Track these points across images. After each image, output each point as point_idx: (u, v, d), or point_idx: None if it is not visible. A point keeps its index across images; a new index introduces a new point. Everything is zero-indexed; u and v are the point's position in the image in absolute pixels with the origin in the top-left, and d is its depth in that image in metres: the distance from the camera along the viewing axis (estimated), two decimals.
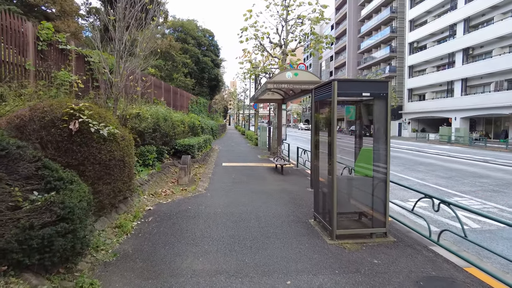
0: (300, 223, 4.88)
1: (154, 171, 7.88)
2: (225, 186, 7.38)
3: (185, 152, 10.32)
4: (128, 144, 4.91)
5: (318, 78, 7.30)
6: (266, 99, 11.64)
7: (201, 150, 12.68)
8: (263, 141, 18.14)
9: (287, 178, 8.72)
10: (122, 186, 4.74)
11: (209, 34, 33.26)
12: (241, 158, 13.10)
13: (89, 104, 4.39)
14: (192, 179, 8.27)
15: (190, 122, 13.44)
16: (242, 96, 53.24)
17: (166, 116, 9.50)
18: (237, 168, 10.22)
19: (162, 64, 24.18)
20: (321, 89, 4.56)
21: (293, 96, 10.24)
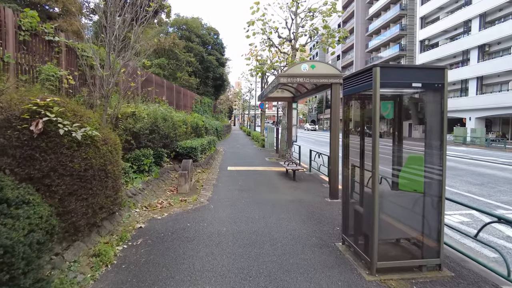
0: (326, 248, 3.91)
1: (151, 178, 6.97)
2: (231, 196, 6.44)
3: (187, 155, 9.41)
4: (113, 149, 3.99)
5: (338, 71, 6.33)
6: (275, 97, 10.70)
7: (204, 153, 11.76)
8: (270, 142, 17.18)
9: (301, 185, 7.75)
10: (105, 201, 3.83)
11: (214, 32, 32.41)
12: (247, 161, 12.15)
13: (60, 99, 3.48)
14: (194, 186, 7.34)
15: (193, 123, 12.55)
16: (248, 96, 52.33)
17: (166, 116, 8.60)
18: (244, 173, 9.27)
19: (165, 63, 23.37)
20: (354, 80, 3.59)
21: (306, 93, 9.28)
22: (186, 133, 11.53)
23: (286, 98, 10.80)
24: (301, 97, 10.22)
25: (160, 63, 23.15)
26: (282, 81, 6.06)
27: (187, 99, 21.20)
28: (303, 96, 10.07)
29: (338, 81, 6.20)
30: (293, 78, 6.07)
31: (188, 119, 12.15)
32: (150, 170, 7.02)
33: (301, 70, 6.18)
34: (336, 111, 6.30)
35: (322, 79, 6.17)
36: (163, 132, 8.21)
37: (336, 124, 6.33)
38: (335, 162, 6.34)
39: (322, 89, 7.49)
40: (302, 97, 10.35)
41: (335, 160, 6.34)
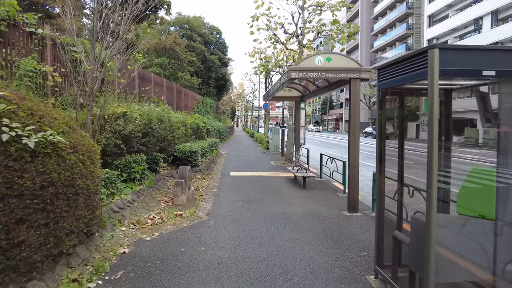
0: (355, 284, 3.06)
1: (144, 187, 6.16)
2: (234, 208, 5.60)
3: (186, 160, 8.60)
4: (86, 158, 3.18)
5: (358, 65, 5.49)
6: (282, 96, 9.88)
7: (205, 156, 10.95)
8: (275, 144, 16.35)
9: (312, 194, 6.90)
10: (75, 223, 3.02)
11: (217, 31, 31.67)
12: (251, 165, 11.32)
13: (12, 94, 2.67)
14: (192, 196, 6.52)
15: (193, 124, 11.75)
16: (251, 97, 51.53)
17: (162, 117, 7.79)
18: (248, 179, 8.44)
19: (166, 62, 22.63)
20: (398, 68, 2.75)
21: (316, 92, 8.44)
22: (186, 135, 10.73)
23: (293, 97, 9.97)
24: (310, 96, 9.39)
25: (161, 62, 22.42)
26: (293, 76, 5.23)
27: (188, 100, 20.43)
28: (313, 95, 9.23)
29: (358, 76, 5.36)
30: (305, 73, 5.24)
31: (188, 120, 11.36)
32: (142, 178, 6.21)
33: (315, 63, 5.35)
34: (355, 110, 5.46)
35: (340, 74, 5.33)
36: (159, 135, 7.40)
37: (355, 125, 5.49)
38: (354, 168, 5.49)
39: (336, 86, 6.65)
40: (311, 96, 9.52)
41: (354, 166, 5.49)
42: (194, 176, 8.35)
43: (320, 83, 8.01)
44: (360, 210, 5.63)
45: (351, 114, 5.48)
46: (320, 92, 8.38)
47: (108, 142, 5.77)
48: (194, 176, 8.35)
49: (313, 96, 9.25)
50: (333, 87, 6.97)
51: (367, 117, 49.13)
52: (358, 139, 5.57)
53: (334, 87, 6.99)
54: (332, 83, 6.71)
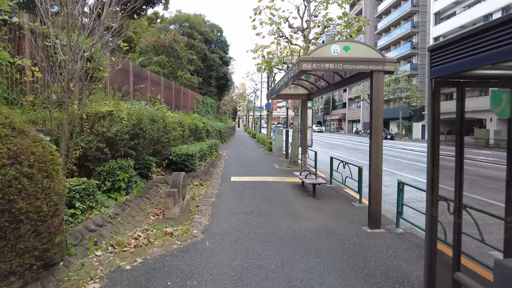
0: None
1: (131, 197, 5.36)
2: (235, 223, 4.79)
3: (182, 164, 7.81)
4: (34, 172, 2.37)
5: (381, 55, 4.68)
6: (287, 94, 9.08)
7: (204, 160, 10.15)
8: (279, 146, 15.53)
9: (324, 204, 6.08)
10: (18, 261, 2.22)
11: (217, 29, 30.92)
12: (254, 168, 10.51)
13: None
14: (187, 207, 5.71)
15: (191, 124, 10.96)
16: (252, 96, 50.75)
17: (154, 117, 6.99)
18: (251, 186, 7.63)
19: (165, 61, 21.87)
20: (467, 45, 1.92)
21: (326, 88, 7.62)
22: (183, 136, 9.94)
23: (300, 95, 9.16)
24: (319, 93, 8.57)
25: (160, 60, 21.66)
26: (305, 68, 4.42)
27: (188, 99, 19.66)
28: (321, 93, 8.41)
29: (382, 68, 4.55)
30: (319, 63, 4.42)
31: (186, 120, 10.56)
32: (130, 187, 5.41)
33: (330, 52, 4.53)
34: (378, 107, 4.65)
35: (360, 65, 4.52)
36: (151, 137, 6.60)
37: (378, 125, 4.68)
38: (377, 176, 4.68)
39: (351, 81, 5.84)
40: (319, 94, 8.70)
41: (377, 173, 4.68)
42: (190, 182, 7.55)
43: (331, 78, 7.20)
44: (382, 225, 4.81)
45: (373, 112, 4.66)
46: (331, 89, 7.56)
47: (89, 146, 4.98)
48: (190, 182, 7.55)
49: (322, 93, 8.44)
50: (347, 82, 6.15)
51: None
52: (381, 142, 4.75)
53: (348, 83, 6.17)
54: (346, 78, 5.89)
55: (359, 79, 5.40)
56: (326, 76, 7.16)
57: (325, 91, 8.03)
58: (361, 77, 5.24)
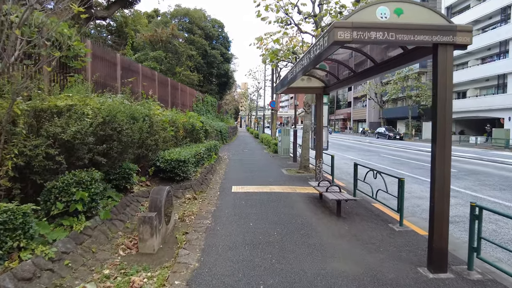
0: None
1: (96, 221, 3.93)
2: (237, 266, 3.34)
3: (172, 172, 6.39)
4: None
5: (446, 20, 3.21)
6: (299, 87, 7.61)
7: (201, 164, 8.72)
8: (285, 148, 14.07)
9: (355, 228, 4.62)
10: None
11: (219, 24, 29.47)
12: (259, 175, 9.05)
13: None
14: (172, 234, 4.26)
15: (187, 124, 9.52)
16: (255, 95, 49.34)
17: (134, 114, 5.57)
18: (256, 199, 6.17)
19: (162, 56, 20.46)
20: None
21: (349, 79, 6.15)
22: (177, 138, 8.51)
23: (314, 89, 7.68)
24: (338, 86, 7.10)
25: (156, 56, 20.27)
26: (340, 38, 2.95)
27: (186, 97, 18.24)
28: (341, 85, 6.95)
29: (451, 39, 3.10)
30: (362, 32, 2.97)
31: (180, 118, 9.13)
32: (94, 208, 3.97)
33: (376, 16, 3.08)
34: (445, 98, 3.21)
35: (420, 36, 3.07)
36: (130, 139, 5.17)
37: (445, 124, 3.24)
38: (443, 195, 3.24)
39: (394, 64, 4.36)
40: (338, 87, 7.23)
41: (443, 191, 3.25)
42: (182, 195, 6.12)
43: (357, 65, 5.75)
44: (450, 269, 3.35)
45: (438, 105, 3.21)
46: (354, 80, 6.08)
47: (35, 153, 3.56)
48: (182, 195, 6.12)
49: (342, 86, 6.97)
50: (383, 68, 4.67)
51: (377, 117, 46.61)
52: (449, 147, 3.29)
53: (384, 68, 4.69)
54: (389, 59, 4.42)
55: (409, 60, 3.92)
56: (354, 60, 5.70)
57: (346, 83, 6.56)
58: (413, 55, 3.76)
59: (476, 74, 28.91)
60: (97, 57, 8.59)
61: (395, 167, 11.64)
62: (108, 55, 9.18)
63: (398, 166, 12.03)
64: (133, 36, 23.49)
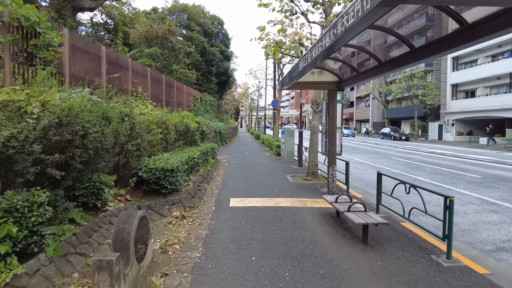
0: None
1: (41, 260, 2.83)
2: None
3: (157, 183, 5.30)
4: None
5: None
6: (309, 82, 6.51)
7: (195, 171, 7.63)
8: (289, 150, 12.96)
9: (390, 263, 3.51)
10: None
11: (218, 21, 28.36)
12: (261, 182, 7.95)
13: None
14: (144, 282, 3.14)
15: (180, 125, 8.42)
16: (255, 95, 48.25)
17: (108, 114, 4.47)
18: (259, 217, 5.07)
19: (158, 53, 19.37)
20: None
21: (372, 70, 5.06)
22: (167, 141, 7.41)
23: (326, 84, 6.58)
24: (354, 80, 6.01)
25: (152, 53, 19.17)
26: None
27: (183, 96, 17.15)
28: (360, 79, 5.85)
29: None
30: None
31: (172, 119, 8.03)
32: (33, 244, 2.86)
33: None
34: None
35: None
36: (101, 145, 4.07)
37: None
38: None
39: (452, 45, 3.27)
40: (354, 81, 6.13)
41: None
42: (168, 212, 5.01)
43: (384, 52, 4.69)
44: None
45: None
46: (380, 72, 4.99)
47: None
48: (168, 212, 5.01)
49: (360, 81, 5.87)
50: (422, 54, 3.58)
51: (381, 117, 45.45)
52: None
53: (424, 56, 3.61)
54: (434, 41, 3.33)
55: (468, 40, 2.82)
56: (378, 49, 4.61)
57: (367, 77, 5.45)
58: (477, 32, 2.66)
59: (486, 72, 27.76)
60: (77, 49, 7.51)
61: (410, 172, 10.52)
62: (91, 47, 8.10)
63: (413, 170, 10.91)
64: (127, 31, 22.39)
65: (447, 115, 33.28)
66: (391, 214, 5.19)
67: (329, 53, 3.48)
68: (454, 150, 20.44)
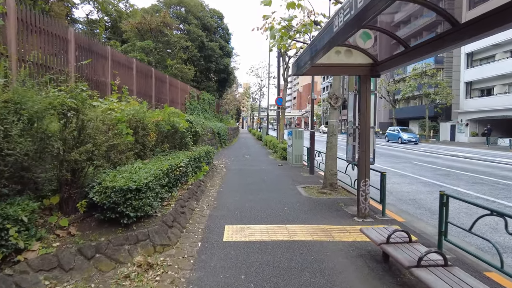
0: None
1: None
2: None
3: (114, 210, 3.56)
4: None
5: None
6: (333, 64, 4.77)
7: (183, 183, 5.91)
8: (297, 154, 11.22)
9: None
10: None
11: (218, 15, 26.69)
12: (267, 199, 6.23)
13: None
14: None
15: (164, 124, 6.68)
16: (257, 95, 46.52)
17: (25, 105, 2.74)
18: (266, 267, 3.34)
19: (151, 46, 17.70)
20: None
21: (432, 43, 3.35)
22: (144, 145, 5.69)
23: (355, 67, 4.84)
24: (398, 61, 4.28)
25: (144, 46, 17.50)
26: None
27: (177, 93, 15.44)
28: (405, 59, 4.12)
29: None
30: None
31: (153, 116, 6.32)
32: None
33: None
34: None
35: None
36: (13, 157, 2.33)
37: None
38: None
39: None
40: (397, 63, 4.40)
41: None
42: (127, 257, 3.27)
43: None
44: None
45: None
46: (440, 46, 3.28)
47: None
48: (127, 257, 3.27)
49: (407, 61, 4.16)
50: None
51: (388, 117, 43.58)
52: None
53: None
54: None
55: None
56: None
57: (418, 55, 3.73)
58: None
59: (505, 69, 25.88)
60: (33, 27, 5.88)
61: (443, 181, 8.76)
62: (54, 27, 6.47)
63: (446, 179, 9.13)
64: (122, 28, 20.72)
65: (460, 115, 31.41)
66: (457, 251, 3.45)
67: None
68: (475, 152, 18.61)
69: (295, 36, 8.42)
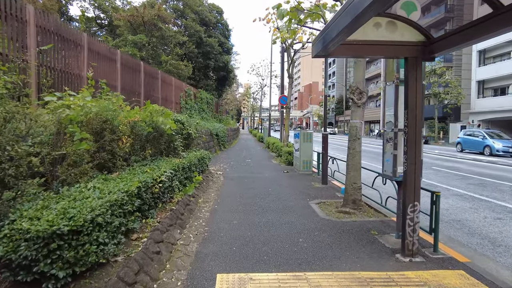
0: None
1: None
2: None
3: (29, 269, 2.11)
4: None
5: None
6: (370, 42, 3.43)
7: (165, 203, 4.53)
8: (305, 160, 9.83)
9: None
10: None
11: (217, 10, 25.34)
12: (274, 222, 4.85)
13: None
14: None
15: (144, 126, 5.29)
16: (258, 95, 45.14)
17: None
18: None
19: (144, 41, 16.35)
20: None
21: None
22: (113, 153, 4.30)
23: (401, 46, 3.46)
24: (462, 39, 2.89)
25: (137, 40, 16.13)
26: None
27: (171, 91, 14.06)
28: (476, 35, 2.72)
29: None
30: None
31: (129, 116, 4.94)
32: None
33: None
34: None
35: None
36: None
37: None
38: None
39: None
40: (461, 41, 3.01)
41: None
42: None
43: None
44: None
45: None
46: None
47: None
48: None
49: (476, 38, 2.81)
50: None
51: None
52: None
53: None
54: None
55: None
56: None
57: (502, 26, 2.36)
58: None
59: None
60: None
61: (480, 192, 7.36)
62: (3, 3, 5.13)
63: (483, 190, 7.72)
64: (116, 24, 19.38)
65: (471, 115, 29.96)
66: None
67: None
68: (493, 155, 17.18)
69: (305, 20, 7.06)
